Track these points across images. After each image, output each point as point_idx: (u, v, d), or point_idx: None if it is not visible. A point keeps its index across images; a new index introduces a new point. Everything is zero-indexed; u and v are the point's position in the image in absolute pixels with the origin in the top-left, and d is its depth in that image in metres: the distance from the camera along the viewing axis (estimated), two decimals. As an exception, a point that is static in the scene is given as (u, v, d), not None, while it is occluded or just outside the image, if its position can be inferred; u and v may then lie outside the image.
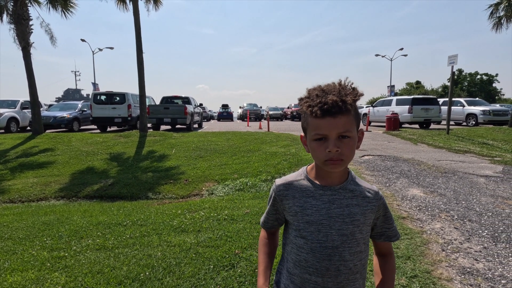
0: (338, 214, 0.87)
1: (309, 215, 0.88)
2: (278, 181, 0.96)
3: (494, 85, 54.39)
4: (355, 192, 0.90)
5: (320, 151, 0.83)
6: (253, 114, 26.50)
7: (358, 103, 0.88)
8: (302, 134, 0.93)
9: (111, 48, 30.62)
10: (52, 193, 5.84)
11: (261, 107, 30.06)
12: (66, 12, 12.48)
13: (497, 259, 2.47)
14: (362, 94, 0.85)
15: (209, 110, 36.27)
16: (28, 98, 11.92)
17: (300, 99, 0.89)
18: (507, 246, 2.69)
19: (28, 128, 14.42)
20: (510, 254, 2.54)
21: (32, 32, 11.41)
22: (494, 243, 2.74)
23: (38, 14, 15.02)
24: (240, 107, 31.38)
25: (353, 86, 0.85)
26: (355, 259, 0.87)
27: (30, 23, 11.37)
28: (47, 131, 12.76)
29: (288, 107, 28.41)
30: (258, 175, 5.86)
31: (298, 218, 0.89)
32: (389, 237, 0.96)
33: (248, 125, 18.37)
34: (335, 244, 0.86)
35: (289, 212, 0.92)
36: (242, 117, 28.75)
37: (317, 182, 0.90)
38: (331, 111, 0.79)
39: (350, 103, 0.81)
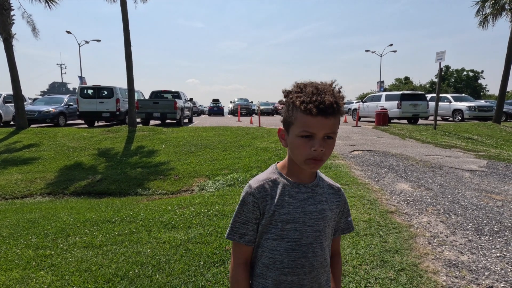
0: (312, 211, 0.88)
1: (286, 213, 0.86)
2: (254, 183, 0.90)
3: (479, 81, 55.77)
4: (324, 188, 0.93)
5: (305, 149, 0.81)
6: (244, 109, 26.39)
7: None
8: (281, 127, 0.90)
9: (98, 40, 29.89)
10: (38, 189, 5.69)
11: (252, 102, 29.95)
12: (50, 3, 12.06)
13: (480, 252, 2.54)
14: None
15: (200, 105, 35.92)
16: (11, 92, 11.52)
17: (289, 92, 0.86)
18: (490, 238, 2.77)
19: (12, 123, 13.97)
20: (493, 247, 2.62)
21: (13, 23, 11.00)
22: (478, 236, 2.82)
23: (20, 4, 14.38)
24: (231, 102, 31.18)
25: (341, 89, 0.86)
26: (324, 253, 0.91)
27: (12, 13, 10.94)
28: (32, 126, 12.40)
29: (279, 102, 28.31)
30: (249, 170, 5.86)
31: (275, 217, 0.87)
32: (343, 230, 0.99)
33: (239, 120, 18.30)
34: (309, 241, 0.88)
35: (266, 214, 0.88)
36: (233, 112, 28.60)
37: (292, 180, 0.89)
38: (325, 111, 0.79)
39: (341, 106, 0.82)
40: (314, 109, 0.78)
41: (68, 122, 14.95)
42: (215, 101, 29.56)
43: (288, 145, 0.87)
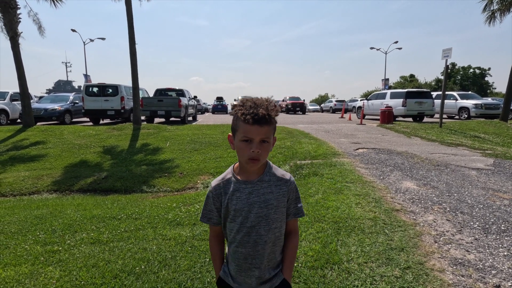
0: (256, 202, 1.12)
1: (235, 204, 1.13)
2: (213, 182, 1.18)
3: (486, 78, 54.99)
4: (270, 182, 1.15)
5: (246, 150, 1.05)
6: (247, 107, 26.28)
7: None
8: (230, 133, 1.15)
9: (103, 38, 29.97)
10: (45, 186, 5.76)
11: (255, 100, 29.81)
12: (55, 1, 12.13)
13: (487, 250, 2.52)
14: (279, 111, 1.12)
15: (204, 103, 35.98)
16: (17, 90, 11.65)
17: (235, 106, 1.10)
18: (497, 237, 2.75)
19: (18, 120, 14.14)
20: (500, 245, 2.60)
21: (20, 21, 11.09)
22: (485, 235, 2.80)
23: (26, 2, 14.50)
24: (235, 100, 31.11)
25: (275, 104, 1.09)
26: (269, 233, 1.13)
27: (18, 12, 11.03)
28: (38, 123, 12.53)
29: (283, 100, 28.27)
30: (253, 168, 5.85)
31: (228, 207, 1.14)
32: (294, 214, 1.20)
33: (243, 118, 18.26)
34: (252, 224, 1.12)
35: (223, 205, 1.16)
36: (236, 110, 28.53)
37: (240, 178, 1.15)
38: (260, 121, 1.02)
39: (273, 117, 1.06)
40: (250, 119, 1.02)
41: (74, 120, 15.09)
42: (219, 99, 29.60)
43: (235, 148, 1.10)
